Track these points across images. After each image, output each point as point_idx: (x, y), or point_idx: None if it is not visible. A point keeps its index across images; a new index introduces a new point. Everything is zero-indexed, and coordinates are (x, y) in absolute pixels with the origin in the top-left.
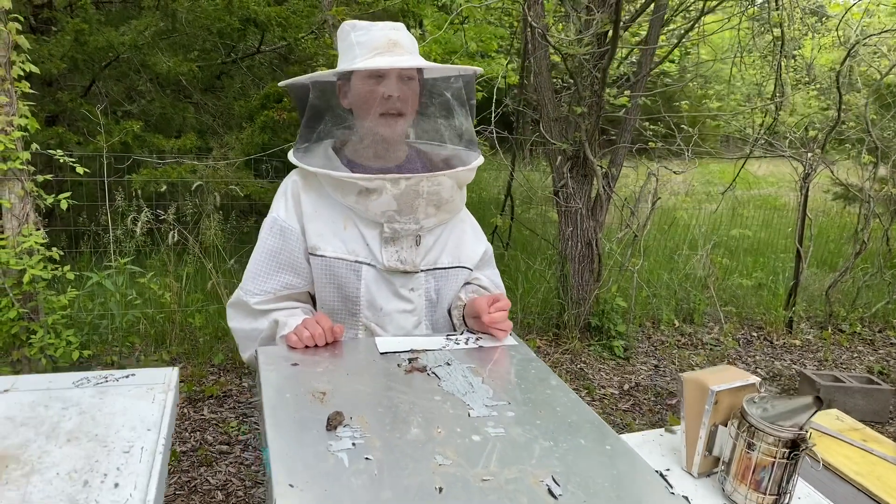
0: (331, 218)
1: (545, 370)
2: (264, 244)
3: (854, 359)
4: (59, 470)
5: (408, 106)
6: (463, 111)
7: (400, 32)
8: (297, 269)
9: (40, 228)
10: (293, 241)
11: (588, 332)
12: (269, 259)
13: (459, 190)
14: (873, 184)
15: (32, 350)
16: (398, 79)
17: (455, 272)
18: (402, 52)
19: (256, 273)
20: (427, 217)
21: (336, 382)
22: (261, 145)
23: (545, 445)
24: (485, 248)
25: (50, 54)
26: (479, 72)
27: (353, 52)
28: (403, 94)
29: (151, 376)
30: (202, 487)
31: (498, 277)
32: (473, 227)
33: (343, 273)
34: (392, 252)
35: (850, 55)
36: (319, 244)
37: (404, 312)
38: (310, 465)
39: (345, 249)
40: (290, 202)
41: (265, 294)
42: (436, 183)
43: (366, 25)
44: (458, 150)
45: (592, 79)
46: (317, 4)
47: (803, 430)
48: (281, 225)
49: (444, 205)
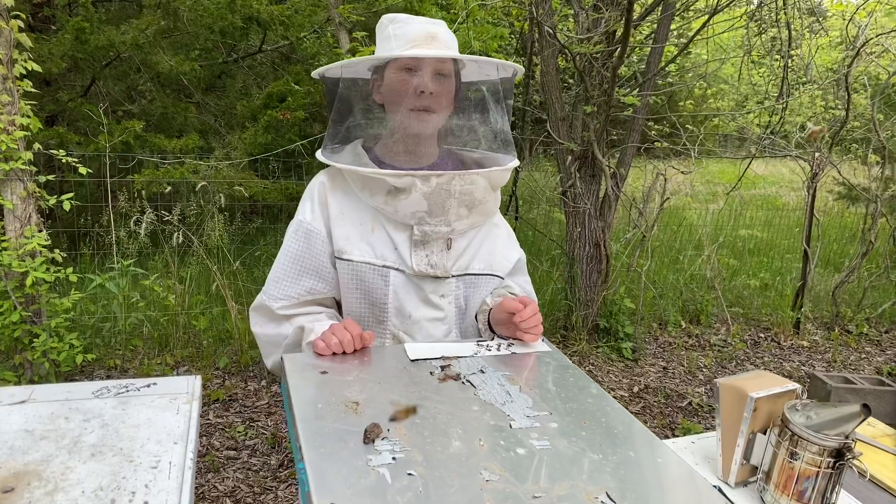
0: (358, 220)
1: (584, 378)
2: (289, 248)
3: (862, 360)
4: (84, 487)
5: (441, 103)
6: (499, 110)
7: (439, 27)
8: (321, 274)
9: (42, 230)
10: (319, 245)
11: (596, 333)
12: (293, 263)
13: (493, 192)
14: (880, 184)
15: (35, 354)
16: (433, 74)
17: (486, 280)
18: (439, 45)
19: (280, 277)
20: (459, 219)
21: (369, 392)
22: (264, 145)
23: (594, 458)
24: (518, 255)
25: (50, 53)
26: (521, 70)
27: (389, 44)
28: (437, 90)
29: (174, 385)
30: (210, 494)
31: (529, 285)
32: (508, 234)
33: (370, 278)
34: (422, 256)
35: (858, 55)
36: (346, 248)
37: (434, 320)
38: (350, 482)
39: (372, 253)
40: (317, 204)
41: (288, 299)
42: (468, 182)
43: (405, 18)
44: (493, 150)
45: (602, 78)
46: (319, 3)
47: (849, 440)
48: (306, 228)
49: (477, 206)
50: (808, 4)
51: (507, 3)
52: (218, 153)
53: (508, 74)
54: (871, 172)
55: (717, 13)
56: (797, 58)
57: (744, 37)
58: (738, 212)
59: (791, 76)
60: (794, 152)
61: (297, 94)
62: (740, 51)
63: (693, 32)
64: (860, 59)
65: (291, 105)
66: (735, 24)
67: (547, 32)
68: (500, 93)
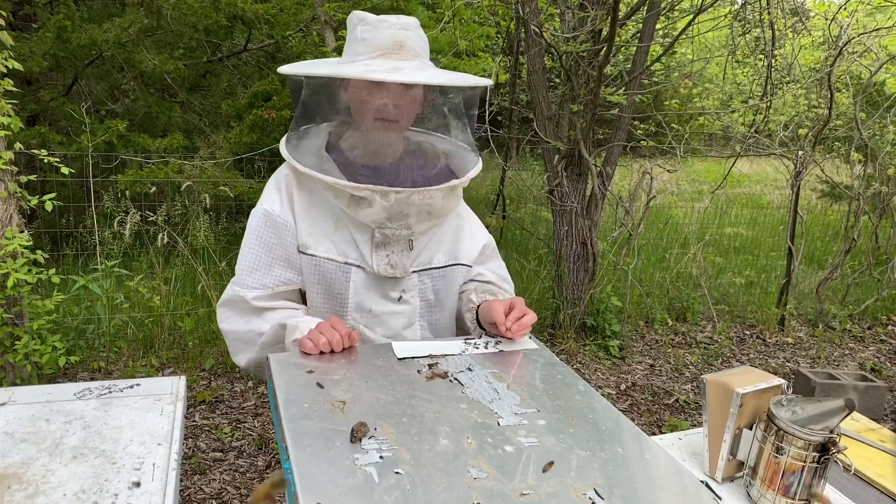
0: (322, 218)
1: (571, 375)
2: (259, 237)
3: (846, 356)
4: (65, 490)
5: (405, 113)
6: (465, 120)
7: (409, 32)
8: (292, 265)
9: (24, 231)
10: (289, 237)
11: (583, 331)
12: (266, 253)
13: (453, 192)
14: (862, 181)
15: (17, 356)
16: (397, 88)
17: (452, 270)
18: (406, 55)
19: (253, 266)
20: (419, 223)
21: (355, 391)
22: (249, 145)
23: (582, 455)
24: (485, 241)
25: (31, 52)
26: (490, 84)
27: (355, 48)
28: (402, 101)
29: (158, 386)
30: (196, 497)
31: (503, 269)
32: (471, 222)
33: (332, 274)
34: (382, 256)
35: (840, 54)
36: (310, 243)
37: (395, 314)
38: (337, 482)
39: (335, 251)
40: (285, 196)
41: (263, 288)
42: (427, 196)
43: (374, 21)
44: (458, 153)
45: (588, 77)
46: (305, 2)
47: (834, 434)
48: (275, 219)
49: (437, 211)
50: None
51: (493, 3)
52: (203, 153)
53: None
54: (853, 170)
55: (702, 12)
56: (781, 57)
57: (728, 36)
58: (723, 210)
59: (775, 75)
60: (777, 151)
61: (282, 93)
62: (725, 50)
63: (678, 32)
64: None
65: (277, 104)
66: (719, 24)
67: (533, 31)
68: (466, 104)
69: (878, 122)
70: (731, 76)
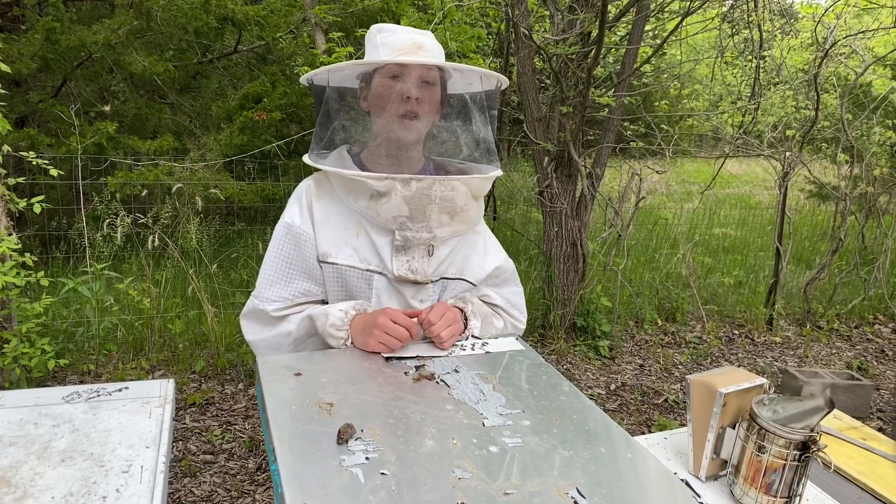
0: (342, 225)
1: (556, 375)
2: (280, 250)
3: (833, 355)
4: (54, 493)
5: (425, 109)
6: (483, 120)
7: (426, 37)
8: (313, 276)
9: (12, 233)
10: (308, 248)
11: (573, 332)
12: (285, 265)
13: (475, 201)
14: (849, 182)
15: (6, 360)
16: (418, 81)
17: (454, 283)
18: (426, 55)
19: (273, 280)
20: (441, 226)
21: (343, 393)
22: (240, 146)
23: (565, 455)
24: (497, 264)
25: (20, 53)
26: (505, 82)
27: (377, 53)
28: (422, 96)
29: (146, 389)
30: (187, 499)
31: (517, 297)
32: (487, 242)
33: (354, 282)
34: (403, 261)
35: (826, 56)
36: (331, 251)
37: None
38: (323, 482)
39: (357, 258)
40: (304, 208)
41: (283, 301)
42: (449, 188)
43: (392, 28)
44: (476, 160)
45: (577, 78)
46: (295, 3)
47: (814, 433)
48: (296, 231)
49: (459, 214)
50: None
51: (483, 4)
52: (193, 154)
53: (492, 85)
54: (840, 171)
55: (690, 14)
56: (769, 59)
57: (717, 38)
58: (712, 210)
59: (763, 77)
60: (766, 152)
61: (273, 94)
62: (714, 52)
63: (667, 33)
64: (829, 60)
65: (267, 106)
66: (708, 26)
67: (523, 33)
68: (484, 103)
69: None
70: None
